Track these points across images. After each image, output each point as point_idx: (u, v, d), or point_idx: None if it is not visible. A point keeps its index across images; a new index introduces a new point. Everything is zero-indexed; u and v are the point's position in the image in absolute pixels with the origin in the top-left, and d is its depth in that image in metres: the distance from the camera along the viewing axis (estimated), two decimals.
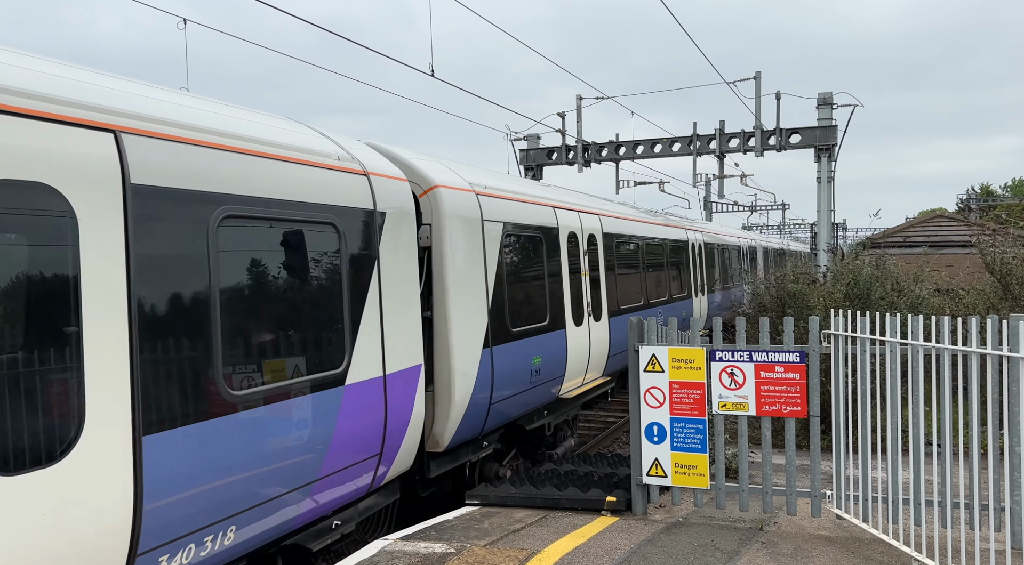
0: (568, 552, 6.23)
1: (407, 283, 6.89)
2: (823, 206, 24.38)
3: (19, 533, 3.69)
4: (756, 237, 31.74)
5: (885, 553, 6.12)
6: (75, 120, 4.14)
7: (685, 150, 25.90)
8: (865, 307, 11.98)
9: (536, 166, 27.78)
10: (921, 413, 5.95)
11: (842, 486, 6.51)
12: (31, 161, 3.85)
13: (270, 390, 5.20)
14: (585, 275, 11.46)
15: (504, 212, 9.03)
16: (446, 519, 7.29)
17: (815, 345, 6.65)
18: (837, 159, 23.96)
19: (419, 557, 6.18)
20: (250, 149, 5.27)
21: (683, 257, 17.92)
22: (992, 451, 5.59)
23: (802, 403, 6.63)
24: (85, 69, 4.70)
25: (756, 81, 24.28)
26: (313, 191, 5.73)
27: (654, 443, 7.05)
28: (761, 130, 24.40)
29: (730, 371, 6.77)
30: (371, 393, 6.18)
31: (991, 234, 18.06)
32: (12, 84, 3.90)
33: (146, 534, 4.33)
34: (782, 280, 15.34)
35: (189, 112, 5.04)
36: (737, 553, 6.21)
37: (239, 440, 4.95)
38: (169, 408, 4.49)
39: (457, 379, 7.63)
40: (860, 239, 34.99)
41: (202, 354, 4.70)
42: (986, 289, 13.94)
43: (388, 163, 7.13)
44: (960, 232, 26.52)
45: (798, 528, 6.80)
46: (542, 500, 7.61)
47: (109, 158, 4.29)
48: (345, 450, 5.92)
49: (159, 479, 4.37)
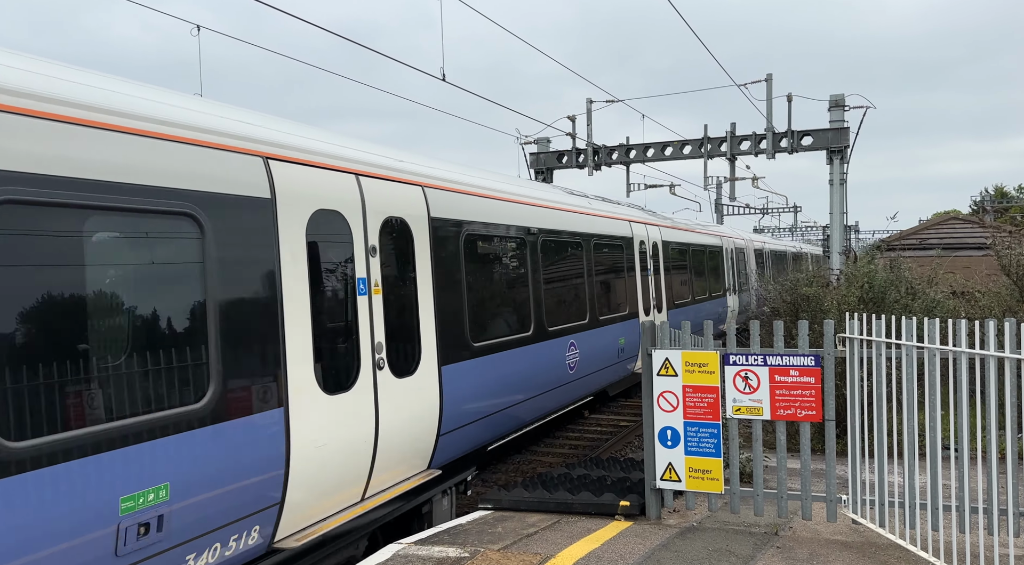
0: (582, 557, 6.22)
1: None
2: (835, 208, 24.24)
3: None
4: (768, 240, 31.74)
5: (902, 558, 6.07)
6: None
7: (696, 153, 25.81)
8: (880, 310, 11.91)
9: (546, 169, 27.74)
10: (938, 417, 5.90)
11: (858, 490, 6.46)
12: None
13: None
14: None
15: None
16: (459, 523, 7.28)
17: (830, 349, 6.61)
18: (849, 161, 23.83)
19: (433, 561, 6.18)
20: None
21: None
22: (1010, 455, 5.54)
23: (817, 407, 6.59)
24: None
25: (767, 83, 24.18)
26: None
27: (668, 447, 7.02)
28: (772, 132, 24.30)
29: (744, 375, 6.74)
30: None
31: (1008, 235, 17.92)
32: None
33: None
34: (795, 283, 15.27)
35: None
36: (752, 558, 6.17)
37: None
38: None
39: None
40: (874, 242, 34.80)
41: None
42: (1002, 291, 13.82)
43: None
44: (974, 234, 26.33)
45: (813, 533, 6.76)
46: (555, 504, 7.59)
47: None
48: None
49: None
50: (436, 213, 7.65)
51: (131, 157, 4.57)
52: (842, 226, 24.65)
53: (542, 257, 10.27)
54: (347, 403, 6.15)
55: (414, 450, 7.11)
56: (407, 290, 7.13)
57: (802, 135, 24.12)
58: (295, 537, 5.74)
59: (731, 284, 22.31)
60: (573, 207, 11.98)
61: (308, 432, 5.67)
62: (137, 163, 4.60)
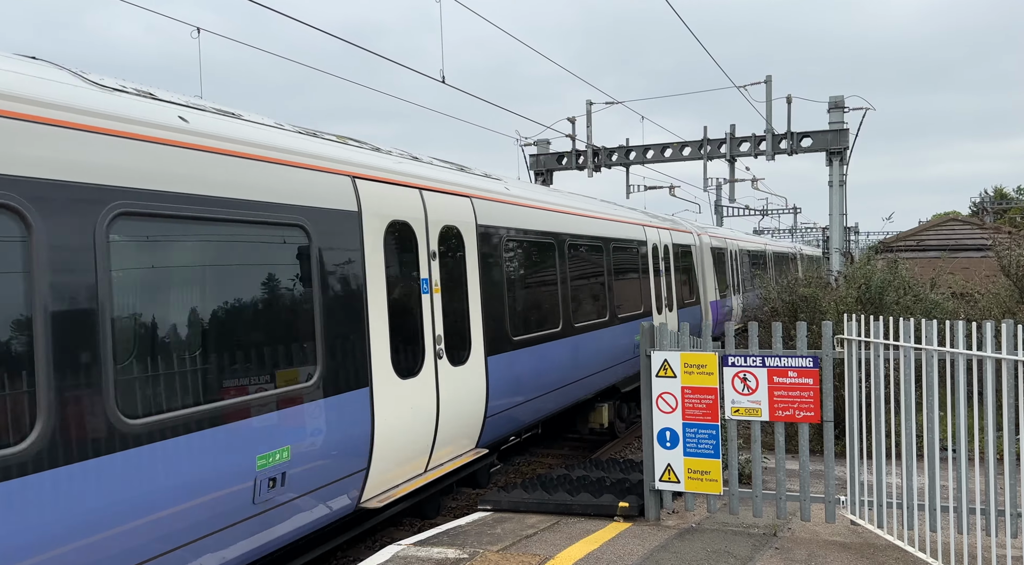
0: (581, 558, 6.23)
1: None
2: (835, 210, 24.23)
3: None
4: (768, 241, 31.68)
5: (900, 559, 6.08)
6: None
7: (696, 154, 25.82)
8: (878, 311, 11.92)
9: (546, 171, 27.73)
10: (936, 418, 5.91)
11: (856, 492, 6.47)
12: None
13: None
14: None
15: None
16: (459, 524, 7.29)
17: (828, 350, 6.62)
18: (849, 162, 23.84)
19: (433, 562, 6.18)
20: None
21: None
22: (1008, 456, 5.55)
23: (815, 408, 6.60)
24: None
25: (767, 85, 24.18)
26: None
27: (667, 449, 7.03)
28: (772, 134, 24.32)
29: (743, 376, 6.75)
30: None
31: (1008, 236, 17.92)
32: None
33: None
34: (794, 284, 15.30)
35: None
36: (751, 559, 6.18)
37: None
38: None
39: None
40: (872, 243, 34.67)
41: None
42: (1001, 293, 13.82)
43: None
44: (974, 236, 26.33)
45: (812, 534, 6.77)
46: (554, 505, 7.60)
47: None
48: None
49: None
50: (482, 221, 8.68)
51: (265, 180, 5.67)
52: (841, 227, 24.66)
53: (569, 260, 11.11)
54: (415, 386, 7.14)
55: (465, 429, 8.07)
56: (460, 290, 8.10)
57: (801, 136, 24.13)
58: (377, 498, 6.85)
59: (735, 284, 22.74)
60: (595, 213, 12.85)
61: (387, 410, 6.65)
62: (270, 185, 5.70)
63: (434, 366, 7.46)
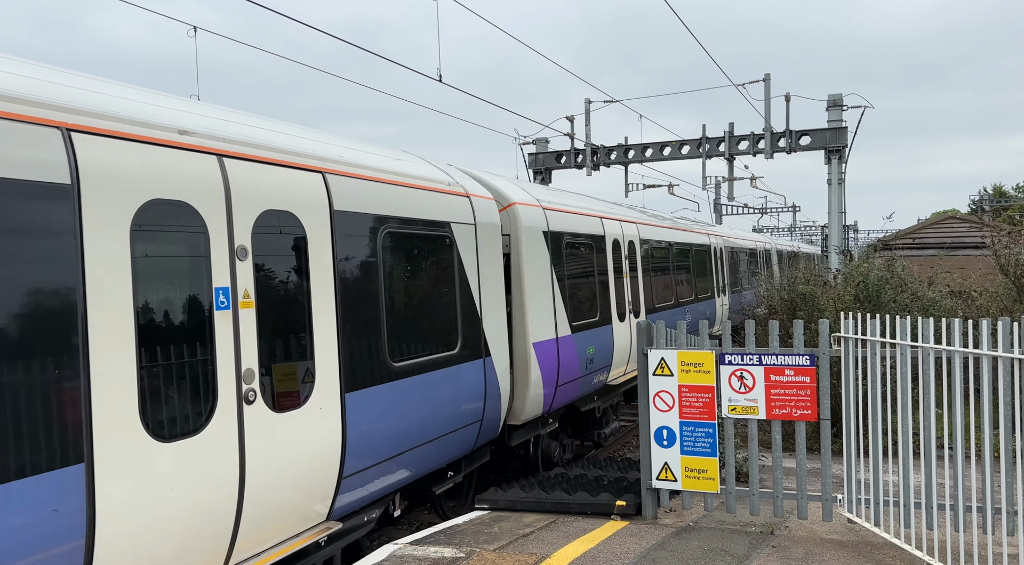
0: (578, 556, 6.22)
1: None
2: (834, 208, 24.24)
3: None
4: (764, 239, 31.58)
5: (897, 557, 6.07)
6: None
7: (694, 153, 25.82)
8: (876, 309, 11.92)
9: (545, 170, 27.74)
10: (932, 416, 5.91)
11: (853, 490, 6.47)
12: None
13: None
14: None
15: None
16: (456, 523, 7.28)
17: (825, 348, 6.62)
18: (848, 161, 23.84)
19: (429, 561, 6.18)
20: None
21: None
22: (1005, 454, 5.55)
23: (812, 406, 6.59)
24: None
25: (765, 83, 24.18)
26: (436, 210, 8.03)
27: (664, 447, 7.02)
28: (771, 132, 24.31)
29: (740, 374, 6.75)
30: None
31: (1006, 235, 17.92)
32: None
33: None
34: (793, 282, 15.29)
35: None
36: (748, 557, 6.18)
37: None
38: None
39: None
40: (871, 241, 34.65)
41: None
42: (999, 291, 13.83)
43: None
44: (972, 234, 26.32)
45: (809, 532, 6.76)
46: (552, 504, 7.59)
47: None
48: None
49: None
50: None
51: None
52: (840, 225, 24.66)
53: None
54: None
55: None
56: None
57: (800, 135, 24.12)
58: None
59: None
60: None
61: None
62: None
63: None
